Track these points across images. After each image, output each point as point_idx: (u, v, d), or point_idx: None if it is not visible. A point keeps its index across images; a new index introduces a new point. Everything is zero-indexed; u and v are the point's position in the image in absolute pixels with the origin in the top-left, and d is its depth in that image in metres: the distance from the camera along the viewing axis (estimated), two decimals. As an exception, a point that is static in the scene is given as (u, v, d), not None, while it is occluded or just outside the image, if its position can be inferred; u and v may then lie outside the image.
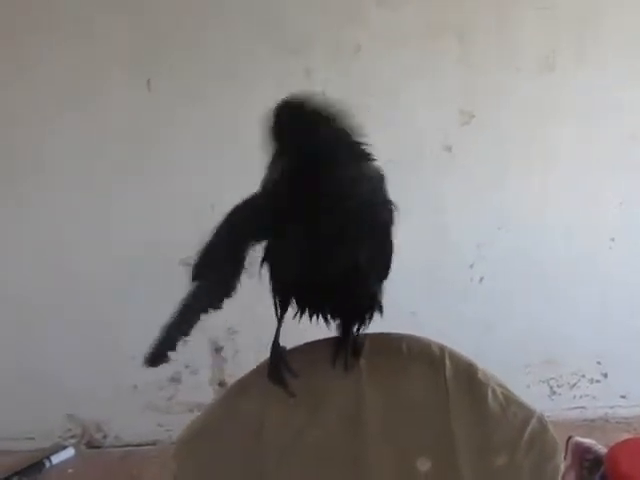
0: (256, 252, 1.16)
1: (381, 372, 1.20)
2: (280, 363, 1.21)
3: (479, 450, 1.16)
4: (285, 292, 1.21)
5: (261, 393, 1.20)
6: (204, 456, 1.18)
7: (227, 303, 2.47)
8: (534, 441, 1.17)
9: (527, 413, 1.19)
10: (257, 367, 1.25)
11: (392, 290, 2.37)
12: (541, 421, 1.19)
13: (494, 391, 1.19)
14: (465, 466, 1.15)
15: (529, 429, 1.18)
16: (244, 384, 1.26)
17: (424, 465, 1.16)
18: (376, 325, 1.32)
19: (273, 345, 1.24)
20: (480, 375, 1.20)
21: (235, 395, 1.25)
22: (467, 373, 1.20)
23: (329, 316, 1.20)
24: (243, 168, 1.12)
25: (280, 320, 1.24)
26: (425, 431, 1.18)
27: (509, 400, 1.19)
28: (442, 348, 1.22)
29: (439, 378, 1.19)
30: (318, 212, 1.06)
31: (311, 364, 1.22)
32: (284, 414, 1.18)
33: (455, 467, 1.15)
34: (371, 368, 1.20)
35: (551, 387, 2.64)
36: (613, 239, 2.47)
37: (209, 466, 1.18)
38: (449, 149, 2.37)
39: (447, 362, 1.20)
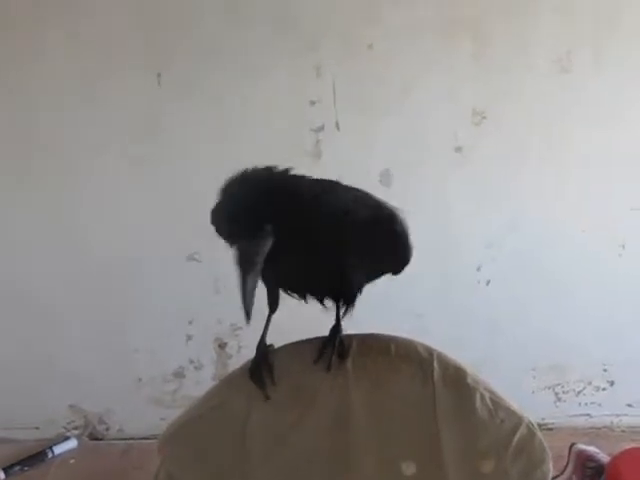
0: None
1: (368, 373, 1.18)
2: (263, 363, 1.20)
3: (465, 455, 1.15)
4: (275, 291, 1.21)
5: (248, 390, 1.19)
6: (188, 450, 1.18)
7: (232, 300, 2.48)
8: (522, 448, 1.16)
9: (515, 419, 1.17)
10: (245, 364, 1.25)
11: (398, 292, 2.38)
12: (530, 428, 1.17)
13: (482, 396, 1.17)
14: (451, 471, 1.14)
15: (517, 436, 1.16)
16: (231, 380, 1.25)
17: (409, 469, 1.15)
18: (382, 327, 1.31)
19: (259, 344, 1.24)
20: (469, 379, 1.18)
21: (221, 391, 1.25)
22: (455, 377, 1.18)
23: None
24: (253, 163, 1.12)
25: (268, 319, 1.24)
26: (411, 434, 1.16)
27: (497, 406, 1.17)
28: (430, 351, 1.20)
29: (426, 381, 1.17)
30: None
31: (298, 363, 1.22)
32: (270, 412, 1.18)
33: (441, 472, 1.14)
34: (358, 369, 1.19)
35: (556, 393, 2.61)
36: (623, 246, 2.43)
37: (193, 460, 1.17)
38: (460, 150, 2.35)
39: (435, 365, 1.18)
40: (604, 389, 2.61)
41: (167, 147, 2.33)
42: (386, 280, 2.43)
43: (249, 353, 1.27)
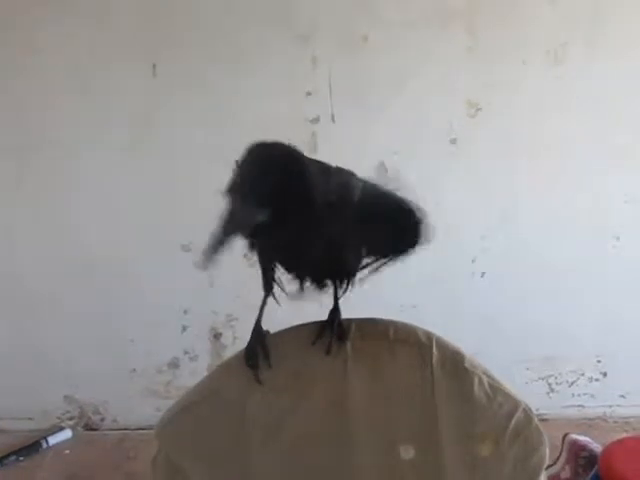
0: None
1: (367, 357, 1.18)
2: (258, 346, 1.20)
3: (464, 439, 1.15)
4: (270, 271, 1.20)
5: (246, 374, 1.18)
6: (187, 435, 1.18)
7: (227, 291, 2.46)
8: (519, 432, 1.16)
9: (513, 403, 1.17)
10: (243, 349, 1.25)
11: (392, 283, 2.38)
12: (527, 412, 1.17)
13: (480, 380, 1.17)
14: (449, 455, 1.14)
15: (514, 420, 1.16)
16: (229, 365, 1.25)
17: (407, 453, 1.15)
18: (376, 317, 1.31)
19: (255, 327, 1.23)
20: (467, 363, 1.18)
21: (219, 376, 1.25)
22: (453, 361, 1.18)
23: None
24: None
25: (264, 302, 1.24)
26: (409, 418, 1.16)
27: (495, 390, 1.18)
28: (430, 336, 1.20)
29: (425, 365, 1.17)
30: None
31: (297, 347, 1.21)
32: (269, 396, 1.17)
33: (439, 456, 1.14)
34: (357, 353, 1.18)
35: (550, 384, 2.62)
36: (618, 238, 2.44)
37: (192, 445, 1.17)
38: (455, 141, 2.35)
39: (434, 349, 1.18)
40: (597, 380, 2.62)
41: (162, 138, 2.33)
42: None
43: (244, 344, 1.26)
